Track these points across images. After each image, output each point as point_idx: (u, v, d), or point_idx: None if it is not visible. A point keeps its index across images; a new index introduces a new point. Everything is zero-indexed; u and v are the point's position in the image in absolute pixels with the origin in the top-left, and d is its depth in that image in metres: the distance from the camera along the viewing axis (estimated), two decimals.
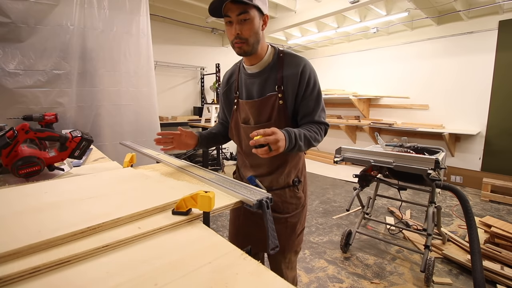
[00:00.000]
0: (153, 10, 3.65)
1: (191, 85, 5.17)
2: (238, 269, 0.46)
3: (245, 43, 0.94)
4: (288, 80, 0.99)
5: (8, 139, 0.89)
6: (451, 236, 2.36)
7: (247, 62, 1.05)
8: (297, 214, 1.12)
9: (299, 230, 1.15)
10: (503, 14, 3.58)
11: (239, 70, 1.11)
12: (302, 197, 1.14)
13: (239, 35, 0.92)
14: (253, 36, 0.94)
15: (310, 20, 3.83)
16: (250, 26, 0.92)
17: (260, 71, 1.03)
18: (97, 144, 2.24)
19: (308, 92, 1.01)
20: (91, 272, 0.45)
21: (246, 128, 1.08)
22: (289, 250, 1.13)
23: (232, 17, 0.91)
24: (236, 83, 1.11)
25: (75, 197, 0.71)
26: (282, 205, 1.09)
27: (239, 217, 1.18)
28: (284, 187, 1.09)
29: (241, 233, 1.17)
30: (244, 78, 1.08)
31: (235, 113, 1.12)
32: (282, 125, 1.00)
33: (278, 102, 1.00)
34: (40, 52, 2.11)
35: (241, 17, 0.90)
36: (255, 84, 1.04)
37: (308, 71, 1.00)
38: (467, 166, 4.03)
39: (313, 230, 2.62)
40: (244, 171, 1.16)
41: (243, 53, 0.97)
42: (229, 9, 0.90)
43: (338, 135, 5.55)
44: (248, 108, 1.05)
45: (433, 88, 4.35)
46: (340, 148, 2.19)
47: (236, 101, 1.11)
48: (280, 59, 1.02)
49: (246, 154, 1.13)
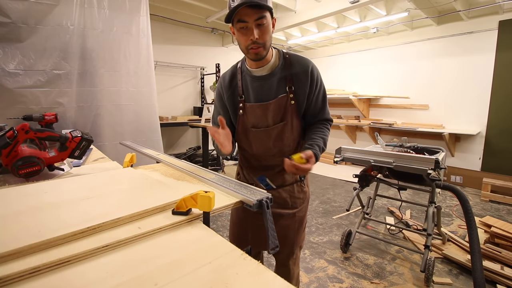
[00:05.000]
0: (153, 10, 3.64)
1: (191, 85, 5.16)
2: (238, 269, 0.46)
3: (262, 47, 0.92)
4: (299, 81, 1.01)
5: (8, 139, 0.89)
6: (451, 236, 2.36)
7: (254, 65, 1.01)
8: (303, 208, 1.17)
9: (305, 224, 1.21)
10: (503, 14, 3.58)
11: (242, 72, 1.07)
12: (307, 191, 1.20)
13: (257, 40, 0.90)
14: (269, 40, 0.94)
15: (310, 20, 3.83)
16: (267, 30, 0.91)
17: (269, 73, 1.02)
18: (97, 144, 2.24)
19: (317, 92, 1.05)
20: (91, 272, 0.45)
21: (257, 132, 1.06)
22: (297, 244, 1.17)
23: (249, 21, 0.88)
24: (240, 87, 1.06)
25: (75, 197, 0.71)
26: (291, 200, 1.12)
27: (246, 219, 1.16)
28: (292, 183, 1.13)
29: (249, 235, 1.16)
30: (250, 81, 1.04)
31: (242, 118, 1.07)
32: (295, 123, 1.04)
33: (290, 103, 1.01)
34: (40, 52, 2.11)
35: (259, 21, 0.88)
36: (264, 87, 1.02)
37: (316, 71, 1.04)
38: (467, 166, 4.03)
39: (313, 230, 2.62)
40: (252, 172, 1.16)
41: (260, 58, 0.95)
42: (246, 14, 0.87)
43: (338, 135, 5.55)
44: (260, 111, 1.03)
45: (433, 88, 4.35)
46: (340, 148, 2.19)
47: (241, 105, 1.06)
48: (287, 60, 1.03)
49: (257, 157, 1.12)
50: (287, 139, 1.05)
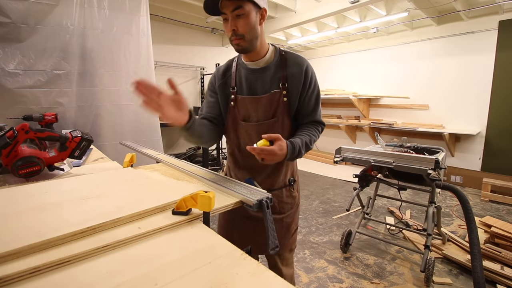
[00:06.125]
0: (153, 10, 3.64)
1: (191, 85, 5.17)
2: (238, 269, 0.46)
3: (242, 40, 0.91)
4: (293, 79, 1.00)
5: (8, 139, 0.89)
6: (451, 236, 2.36)
7: (247, 58, 1.02)
8: (291, 214, 1.14)
9: (293, 229, 1.17)
10: (503, 14, 3.58)
11: (237, 64, 1.06)
12: (297, 196, 1.17)
13: (235, 31, 0.90)
14: (250, 32, 0.91)
15: (310, 20, 3.83)
16: (246, 22, 0.89)
17: (264, 67, 1.01)
18: (97, 144, 2.24)
19: (310, 92, 1.03)
20: (91, 272, 0.45)
21: (247, 126, 1.03)
22: (284, 248, 1.15)
23: (227, 13, 0.88)
24: (233, 78, 1.05)
25: (75, 197, 0.71)
26: (279, 205, 1.10)
27: (233, 222, 1.13)
28: (281, 187, 1.10)
29: (235, 238, 1.13)
30: (244, 73, 1.03)
31: (232, 110, 1.05)
32: (285, 122, 1.02)
33: (282, 100, 1.00)
34: (40, 52, 2.11)
35: (236, 12, 0.87)
36: (258, 80, 1.01)
37: (311, 71, 1.03)
38: (467, 166, 4.03)
39: (313, 230, 2.62)
40: (239, 172, 1.11)
41: (242, 50, 0.94)
42: (224, 5, 0.87)
43: (338, 135, 5.55)
44: (251, 104, 1.01)
45: (433, 88, 4.35)
46: (340, 148, 2.19)
47: (233, 97, 1.04)
48: (282, 57, 1.02)
49: (244, 154, 1.07)
50: None
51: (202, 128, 0.97)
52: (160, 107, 0.73)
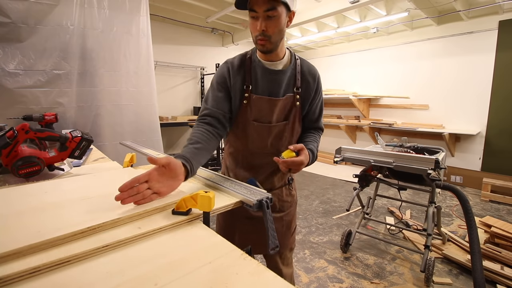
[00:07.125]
0: (153, 10, 3.64)
1: (191, 85, 5.17)
2: (238, 269, 0.46)
3: (268, 41, 0.90)
4: (306, 85, 1.03)
5: (8, 139, 0.89)
6: (451, 236, 2.36)
7: (265, 58, 0.99)
8: (291, 212, 1.17)
9: (293, 228, 1.20)
10: (503, 14, 3.58)
11: (251, 61, 1.01)
12: (295, 194, 1.20)
13: (264, 32, 0.88)
14: (278, 33, 0.90)
15: (310, 20, 3.83)
16: (276, 24, 0.88)
17: (282, 70, 1.00)
18: (97, 144, 2.23)
19: (317, 99, 1.08)
20: (91, 272, 0.45)
21: (259, 127, 1.01)
22: (284, 247, 1.16)
23: (258, 12, 0.86)
24: (248, 75, 1.00)
25: (75, 197, 0.71)
26: (279, 204, 1.12)
27: (233, 222, 1.13)
28: (281, 186, 1.12)
29: (235, 238, 1.13)
30: (260, 72, 0.99)
31: (245, 109, 1.00)
32: (296, 126, 1.06)
33: (295, 104, 1.02)
34: (40, 52, 2.10)
35: (268, 13, 0.86)
36: (275, 82, 1.00)
37: (320, 80, 1.08)
38: (467, 166, 4.03)
39: (313, 230, 2.62)
40: (240, 172, 1.09)
41: (266, 51, 0.93)
42: (256, 3, 0.85)
43: (338, 135, 5.55)
44: (268, 105, 0.99)
45: (433, 88, 4.35)
46: (340, 148, 2.19)
47: (247, 95, 0.99)
48: (298, 63, 1.04)
49: (250, 153, 1.06)
50: (285, 139, 1.05)
51: (201, 155, 0.87)
52: (155, 194, 0.69)
